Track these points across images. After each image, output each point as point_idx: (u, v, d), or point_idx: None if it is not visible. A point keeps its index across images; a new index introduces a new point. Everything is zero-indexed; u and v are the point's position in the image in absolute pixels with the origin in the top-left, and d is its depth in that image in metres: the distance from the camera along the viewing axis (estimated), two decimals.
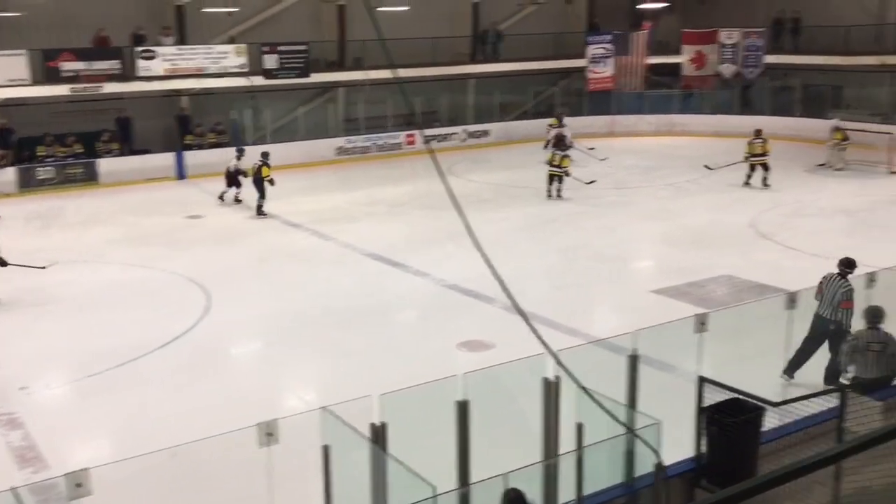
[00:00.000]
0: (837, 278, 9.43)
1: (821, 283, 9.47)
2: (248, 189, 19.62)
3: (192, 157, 24.15)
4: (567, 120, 25.55)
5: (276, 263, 15.41)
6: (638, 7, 31.22)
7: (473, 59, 29.82)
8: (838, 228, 17.00)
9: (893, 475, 4.41)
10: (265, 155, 19.41)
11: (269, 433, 5.35)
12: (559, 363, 4.59)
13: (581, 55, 30.39)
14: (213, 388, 10.04)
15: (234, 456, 6.62)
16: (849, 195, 19.91)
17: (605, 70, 30.33)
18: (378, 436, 5.40)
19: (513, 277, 4.54)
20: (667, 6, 31.18)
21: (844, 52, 27.57)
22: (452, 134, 28.41)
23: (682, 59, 30.66)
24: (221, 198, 20.41)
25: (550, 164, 20.17)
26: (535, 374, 5.95)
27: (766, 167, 20.73)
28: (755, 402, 6.13)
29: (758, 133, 21.13)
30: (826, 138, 23.21)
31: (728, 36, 29.83)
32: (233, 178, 20.14)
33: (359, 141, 26.78)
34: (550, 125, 25.28)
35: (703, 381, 6.29)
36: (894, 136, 22.45)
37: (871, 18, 27.73)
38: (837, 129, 22.98)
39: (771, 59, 29.40)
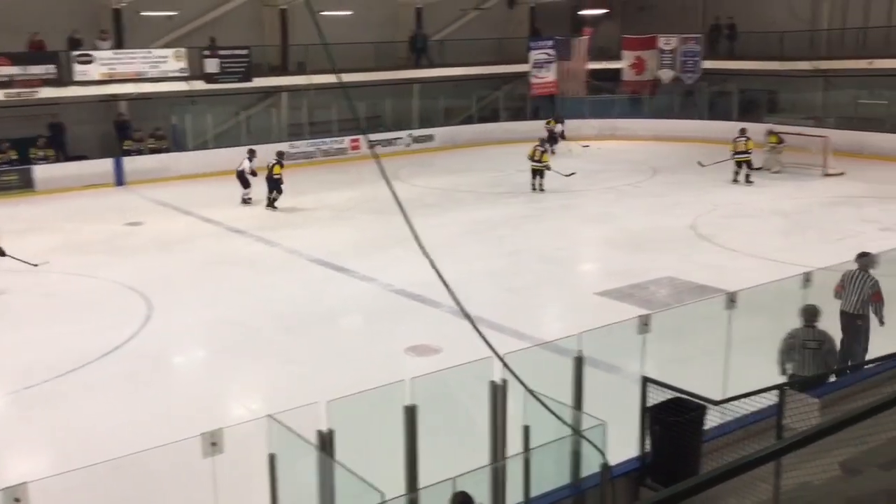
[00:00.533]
0: (861, 274, 9.49)
1: (842, 280, 9.55)
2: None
3: (131, 163, 23.73)
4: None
5: (220, 270, 15.20)
6: (579, 13, 31.64)
7: (417, 64, 29.86)
8: (775, 230, 17.43)
9: (832, 470, 4.54)
10: (280, 154, 20.14)
11: (213, 443, 5.26)
12: (506, 366, 4.62)
13: (524, 60, 30.65)
14: (156, 398, 9.85)
15: (178, 467, 6.50)
16: (785, 197, 20.43)
17: (548, 75, 30.64)
18: (325, 443, 5.36)
19: (459, 281, 4.56)
20: (606, 12, 31.67)
21: (779, 58, 28.32)
22: (397, 139, 28.40)
23: (623, 64, 31.15)
24: (247, 200, 20.34)
25: (531, 159, 21.07)
26: (483, 378, 5.97)
27: (749, 164, 21.75)
28: (697, 401, 6.24)
29: (742, 132, 22.22)
30: (762, 142, 23.81)
31: (666, 42, 30.40)
32: (243, 179, 20.16)
33: (303, 146, 26.60)
34: (548, 123, 27.38)
35: (646, 381, 6.38)
36: (828, 139, 23.12)
37: (803, 24, 28.52)
38: (772, 132, 23.60)
39: (708, 64, 30.07)
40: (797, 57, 28.01)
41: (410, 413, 5.63)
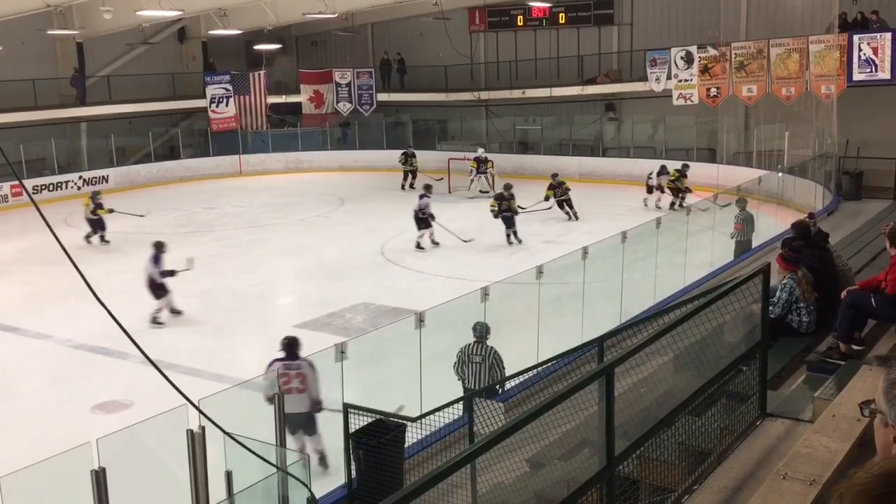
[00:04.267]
0: (745, 213, 15.04)
1: (741, 221, 14.82)
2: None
3: None
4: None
5: None
6: (253, 48, 31.56)
7: (84, 102, 27.93)
8: (455, 249, 18.56)
9: (520, 468, 4.91)
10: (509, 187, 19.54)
11: None
12: (200, 412, 4.46)
13: (201, 95, 29.91)
14: None
15: None
16: (462, 218, 21.77)
17: (227, 110, 30.18)
18: None
19: (147, 328, 4.32)
20: (280, 47, 31.93)
21: (445, 90, 30.43)
22: (66, 182, 26.25)
23: (302, 98, 31.55)
24: (419, 246, 18.58)
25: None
26: (179, 427, 5.71)
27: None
28: (397, 420, 6.46)
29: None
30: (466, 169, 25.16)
31: (342, 76, 31.34)
32: (422, 220, 18.67)
33: None
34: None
35: (347, 407, 6.49)
36: (493, 163, 25.11)
37: (463, 59, 30.85)
38: (480, 159, 25.03)
39: (383, 96, 31.50)
40: (461, 88, 30.25)
41: (99, 477, 5.21)
